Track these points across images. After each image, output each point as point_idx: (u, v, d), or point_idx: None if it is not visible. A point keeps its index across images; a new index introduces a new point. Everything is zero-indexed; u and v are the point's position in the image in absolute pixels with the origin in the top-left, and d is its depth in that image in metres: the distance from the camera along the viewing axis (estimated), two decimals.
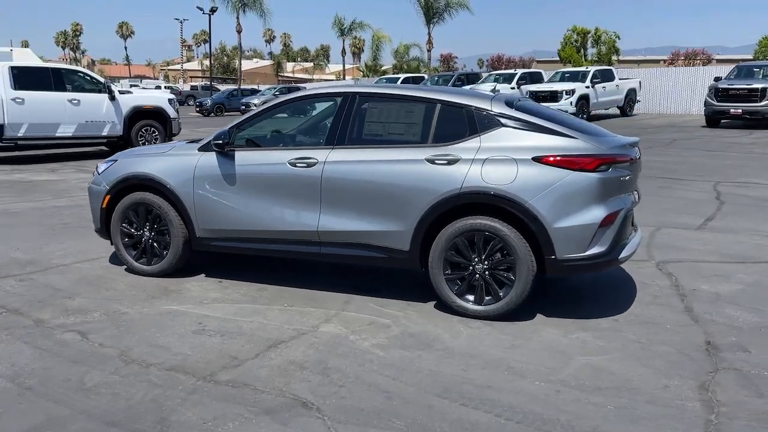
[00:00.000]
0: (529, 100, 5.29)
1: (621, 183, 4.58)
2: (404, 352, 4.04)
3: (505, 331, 4.39)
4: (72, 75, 14.51)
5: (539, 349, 4.11)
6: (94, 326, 4.42)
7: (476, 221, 4.50)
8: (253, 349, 4.05)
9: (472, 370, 3.79)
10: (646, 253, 6.40)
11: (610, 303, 4.98)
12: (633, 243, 4.81)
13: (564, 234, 4.39)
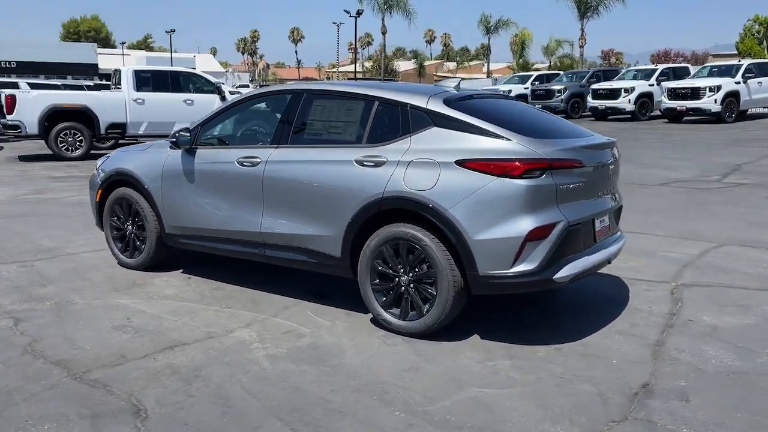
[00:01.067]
0: (488, 99, 4.77)
1: (565, 191, 3.96)
2: (291, 365, 3.78)
3: (419, 351, 3.97)
4: (187, 77, 15.50)
5: (438, 374, 3.66)
6: (35, 314, 4.61)
7: (399, 229, 4.12)
8: (148, 349, 4.00)
9: (342, 392, 3.45)
10: (675, 272, 5.56)
11: (572, 327, 4.34)
12: (590, 260, 4.15)
13: (486, 247, 3.88)
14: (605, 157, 4.39)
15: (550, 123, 4.69)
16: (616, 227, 4.72)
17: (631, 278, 5.45)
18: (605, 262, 4.41)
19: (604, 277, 5.50)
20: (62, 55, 58.01)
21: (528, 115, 4.70)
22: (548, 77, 30.14)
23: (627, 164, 12.36)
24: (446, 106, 4.20)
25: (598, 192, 4.31)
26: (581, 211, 4.08)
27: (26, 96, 14.25)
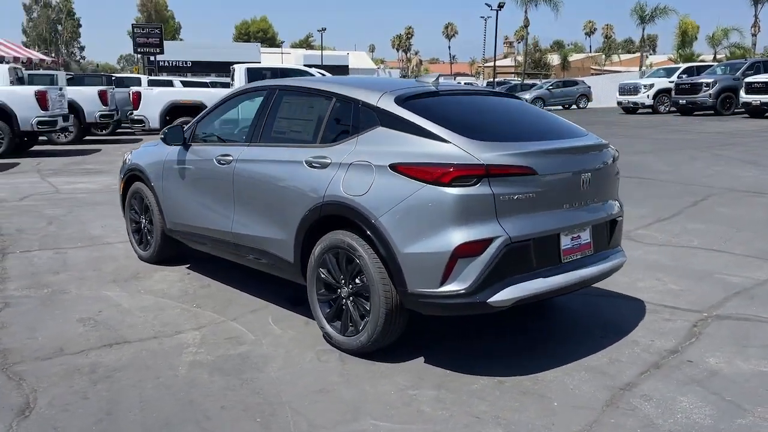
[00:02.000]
0: (459, 96, 4.27)
1: (508, 202, 3.42)
2: (205, 375, 3.60)
3: (346, 371, 3.64)
4: (295, 74, 15.87)
5: (345, 400, 3.31)
6: (24, 301, 4.82)
7: (338, 237, 3.80)
8: (89, 345, 4.00)
9: (231, 409, 3.20)
10: (718, 300, 4.73)
11: (541, 357, 3.78)
12: (547, 283, 3.56)
13: (414, 262, 3.45)
14: (581, 163, 3.77)
15: (524, 123, 4.15)
16: (607, 244, 4.05)
17: (658, 303, 4.69)
18: (577, 286, 3.78)
19: (625, 299, 4.80)
20: (230, 54, 62.32)
21: (502, 115, 4.19)
22: (699, 69, 27.30)
23: (754, 169, 10.89)
24: (396, 104, 3.78)
25: (565, 203, 3.69)
26: (534, 225, 3.51)
27: (150, 93, 15.35)
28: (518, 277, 3.46)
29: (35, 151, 15.71)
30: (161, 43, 43.14)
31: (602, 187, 3.96)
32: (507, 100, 4.54)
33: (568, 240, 3.72)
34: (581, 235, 3.80)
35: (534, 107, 4.57)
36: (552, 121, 4.26)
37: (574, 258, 3.75)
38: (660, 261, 5.83)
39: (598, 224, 3.93)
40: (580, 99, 34.96)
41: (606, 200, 4.03)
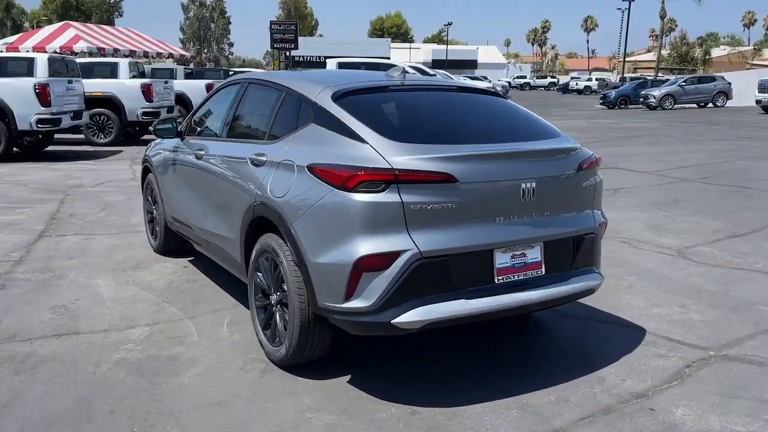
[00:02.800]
0: (413, 92, 3.84)
1: (421, 212, 3.01)
2: (122, 374, 3.49)
3: (259, 384, 3.40)
4: (385, 68, 15.66)
5: (233, 416, 3.07)
6: (21, 285, 4.99)
7: (267, 240, 3.57)
8: (39, 333, 4.04)
9: (118, 413, 3.09)
10: (742, 336, 4.02)
11: (482, 386, 3.33)
12: (471, 305, 3.12)
13: (321, 273, 3.15)
14: (520, 171, 3.26)
15: (472, 124, 3.73)
16: (570, 264, 3.51)
17: (661, 335, 4.05)
18: (516, 310, 3.30)
19: (626, 327, 4.22)
20: (361, 50, 63.56)
21: (450, 115, 3.78)
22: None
23: None
24: (331, 100, 3.47)
25: (498, 216, 3.22)
26: (454, 239, 3.08)
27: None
28: (432, 297, 3.06)
29: (146, 140, 16.75)
30: (296, 39, 44.76)
31: (559, 198, 3.43)
32: (474, 98, 4.05)
33: (506, 258, 3.24)
34: (526, 253, 3.31)
35: (509, 108, 3.96)
36: (516, 123, 3.77)
37: (513, 279, 3.27)
38: (699, 284, 5.06)
39: (555, 241, 3.41)
40: (717, 97, 32.02)
41: (567, 213, 3.49)
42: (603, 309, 4.51)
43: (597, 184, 3.68)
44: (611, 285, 5.01)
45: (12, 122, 11.84)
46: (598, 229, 3.64)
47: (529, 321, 4.34)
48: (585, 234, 3.55)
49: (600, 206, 3.78)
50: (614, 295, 4.79)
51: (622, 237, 6.56)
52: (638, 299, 4.71)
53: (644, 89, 33.53)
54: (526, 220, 3.29)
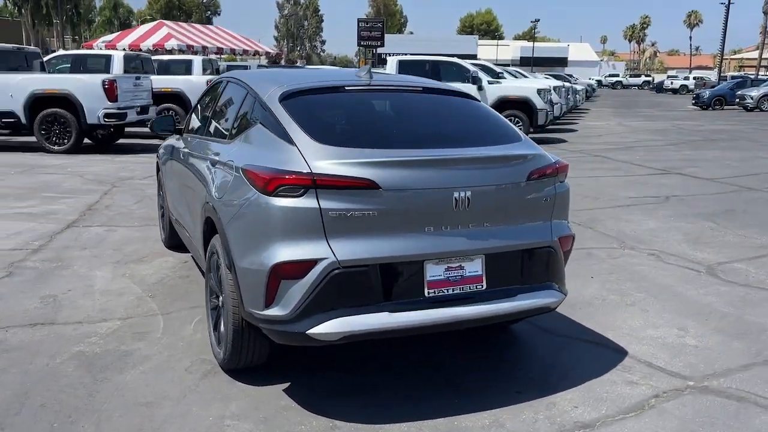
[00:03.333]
0: (370, 93, 3.71)
1: (341, 219, 2.88)
2: (71, 368, 3.54)
3: (195, 387, 3.36)
4: (448, 66, 15.42)
5: (152, 418, 3.05)
6: (27, 272, 5.19)
7: (212, 241, 3.53)
8: (18, 321, 4.16)
9: (47, 408, 3.13)
10: (737, 365, 3.62)
11: (407, 404, 3.16)
12: (394, 319, 2.96)
13: (245, 278, 3.08)
14: (454, 179, 3.06)
15: (418, 128, 3.59)
16: (519, 279, 3.27)
17: (642, 360, 3.73)
18: (448, 326, 3.10)
19: (604, 348, 3.93)
20: (447, 47, 63.15)
21: (400, 118, 3.68)
22: None
23: None
24: (278, 101, 3.37)
25: (428, 225, 3.03)
26: (377, 248, 2.93)
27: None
28: (351, 308, 2.92)
29: None
30: (382, 37, 45.09)
31: (503, 208, 3.20)
32: (436, 100, 3.86)
33: (439, 270, 3.05)
34: (464, 265, 3.10)
35: (471, 111, 3.73)
36: (470, 127, 3.60)
37: (448, 292, 3.07)
38: (713, 305, 4.63)
39: (498, 254, 3.18)
40: None
41: (515, 225, 3.25)
42: (591, 327, 4.19)
43: (558, 195, 3.40)
44: (613, 301, 4.68)
45: (82, 116, 12.45)
46: (556, 243, 3.36)
47: (505, 333, 4.10)
48: (537, 247, 3.29)
49: (565, 217, 3.51)
50: (611, 313, 4.45)
51: (653, 249, 6.12)
52: (636, 318, 4.35)
53: (742, 89, 31.45)
54: (463, 231, 3.09)
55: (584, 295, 4.77)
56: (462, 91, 3.95)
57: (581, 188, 9.32)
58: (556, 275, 3.40)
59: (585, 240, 6.37)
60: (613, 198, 8.68)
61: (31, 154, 12.38)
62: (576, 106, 28.03)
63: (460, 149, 3.23)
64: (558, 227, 3.41)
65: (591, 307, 4.57)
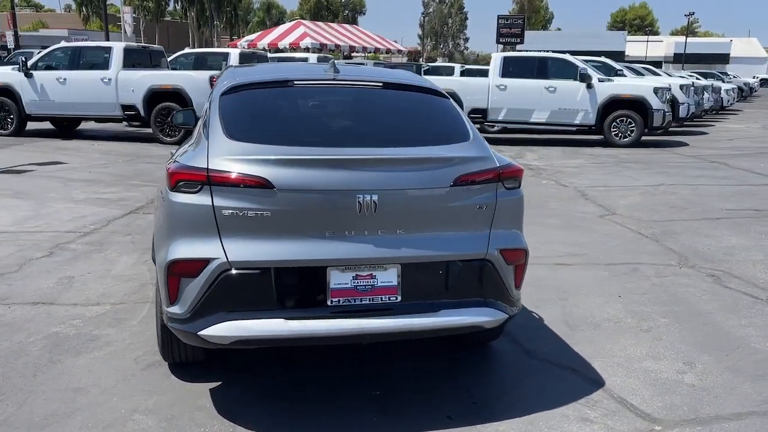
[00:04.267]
0: (299, 89, 3.47)
1: (235, 218, 2.77)
2: (36, 348, 3.69)
3: (134, 377, 3.40)
4: (557, 63, 14.62)
5: (72, 405, 3.10)
6: (67, 254, 5.50)
7: None
8: (26, 299, 4.43)
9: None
10: (715, 416, 3.11)
11: (312, 411, 2.97)
12: (291, 327, 2.81)
13: (158, 273, 3.05)
14: (358, 180, 2.83)
15: (353, 125, 3.40)
16: (443, 293, 2.97)
17: (617, 395, 3.29)
18: (352, 338, 2.90)
19: (584, 379, 3.49)
20: (594, 43, 60.50)
21: (339, 113, 3.51)
22: None
23: None
24: (221, 95, 3.29)
25: (329, 230, 2.84)
26: (272, 251, 2.79)
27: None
28: (245, 312, 2.80)
29: None
30: (522, 33, 44.24)
31: (422, 215, 2.93)
32: (391, 96, 3.56)
33: (345, 278, 2.86)
34: (376, 275, 2.88)
35: (427, 109, 3.51)
36: (412, 126, 3.37)
37: (354, 302, 2.86)
38: (746, 339, 4.00)
39: (417, 264, 2.92)
40: None
41: (439, 234, 2.96)
42: (582, 352, 3.75)
43: (500, 202, 3.05)
44: (627, 325, 4.17)
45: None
46: (495, 255, 3.02)
47: (477, 352, 3.76)
48: (467, 260, 2.97)
49: (515, 228, 3.14)
50: (616, 338, 3.96)
51: (717, 269, 5.40)
52: (640, 347, 3.84)
53: None
54: (372, 238, 2.87)
55: (596, 316, 4.29)
56: (429, 88, 3.64)
57: (672, 197, 8.48)
58: (496, 291, 3.06)
59: (639, 254, 5.76)
60: (704, 209, 7.78)
61: (147, 145, 13.31)
62: (723, 107, 25.68)
63: (375, 149, 2.99)
64: (501, 238, 3.06)
65: (597, 329, 4.09)
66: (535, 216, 6.51)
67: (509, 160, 3.16)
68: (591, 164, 11.64)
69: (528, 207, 3.34)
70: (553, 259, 5.54)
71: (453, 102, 3.53)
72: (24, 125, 14.01)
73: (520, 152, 13.22)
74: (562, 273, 5.22)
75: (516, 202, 3.12)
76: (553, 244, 6.04)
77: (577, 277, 5.12)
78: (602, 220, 7.20)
